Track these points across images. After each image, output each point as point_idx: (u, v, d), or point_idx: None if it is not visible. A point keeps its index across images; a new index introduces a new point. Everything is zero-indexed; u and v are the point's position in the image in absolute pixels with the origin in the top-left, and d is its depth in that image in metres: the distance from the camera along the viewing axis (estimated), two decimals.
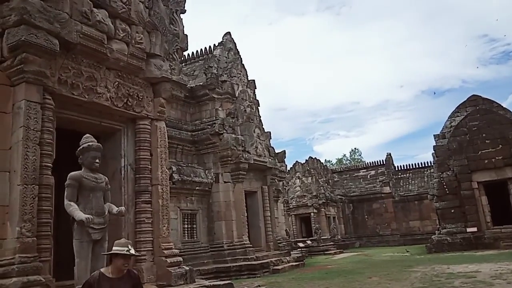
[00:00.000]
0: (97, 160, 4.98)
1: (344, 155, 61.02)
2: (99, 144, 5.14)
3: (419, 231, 29.46)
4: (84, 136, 5.12)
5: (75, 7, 5.80)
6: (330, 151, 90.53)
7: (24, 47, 5.12)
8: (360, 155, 60.03)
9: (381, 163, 34.06)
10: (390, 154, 34.17)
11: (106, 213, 4.84)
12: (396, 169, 33.95)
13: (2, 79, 5.25)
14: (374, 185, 32.58)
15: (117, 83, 6.53)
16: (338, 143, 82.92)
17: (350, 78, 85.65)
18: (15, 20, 5.13)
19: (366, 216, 32.00)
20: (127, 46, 6.62)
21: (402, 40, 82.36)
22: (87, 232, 4.56)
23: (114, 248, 3.33)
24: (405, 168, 33.75)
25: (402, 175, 33.06)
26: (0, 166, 4.99)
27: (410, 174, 32.87)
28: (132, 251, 3.33)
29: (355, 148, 61.49)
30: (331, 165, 50.89)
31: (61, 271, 6.51)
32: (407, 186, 31.88)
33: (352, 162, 54.08)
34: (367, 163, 36.57)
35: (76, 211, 4.54)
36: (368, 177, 34.02)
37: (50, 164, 5.44)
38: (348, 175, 35.26)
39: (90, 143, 4.99)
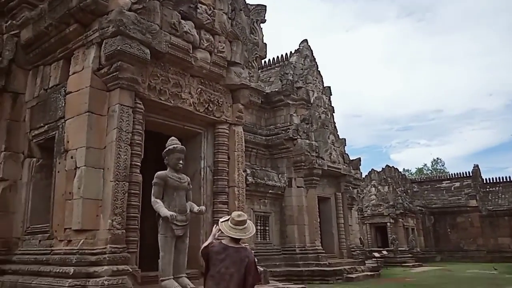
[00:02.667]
0: (181, 161, 5.29)
1: (425, 165, 57.60)
2: (183, 146, 5.46)
3: (509, 249, 26.94)
4: (169, 139, 5.47)
5: (165, 19, 6.25)
6: (409, 160, 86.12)
7: (119, 56, 5.61)
8: (443, 165, 56.32)
9: (467, 175, 31.70)
10: (477, 166, 31.69)
11: (188, 211, 5.13)
12: (484, 182, 31.36)
13: (100, 85, 5.80)
14: (459, 197, 30.42)
15: (199, 89, 6.89)
16: (417, 152, 78.57)
17: (432, 85, 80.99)
18: (112, 31, 5.64)
19: (448, 230, 29.98)
20: (210, 55, 6.96)
21: (491, 48, 76.31)
22: (171, 228, 4.87)
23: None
24: (495, 181, 31.02)
25: (490, 189, 30.46)
26: (95, 163, 5.51)
27: (500, 188, 30.16)
28: (220, 219, 3.71)
29: (437, 158, 57.73)
30: (410, 175, 48.38)
31: (145, 262, 7.01)
32: (496, 200, 29.29)
33: (434, 172, 50.83)
34: (451, 174, 34.19)
35: (162, 208, 4.87)
36: (452, 188, 31.84)
37: (139, 163, 5.88)
38: (429, 186, 33.29)
39: (175, 145, 5.33)
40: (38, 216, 6.24)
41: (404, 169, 53.47)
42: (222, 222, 3.72)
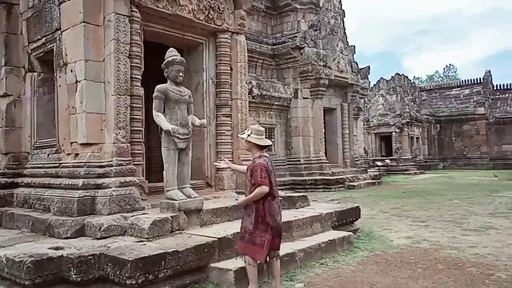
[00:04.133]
0: (181, 74, 5.16)
1: (437, 72, 56.49)
2: (182, 57, 5.28)
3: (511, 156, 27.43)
4: (168, 50, 5.27)
5: None
6: (422, 67, 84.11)
7: None
8: (455, 71, 55.14)
9: (478, 82, 31.08)
10: (489, 72, 30.94)
11: (189, 125, 5.12)
12: (495, 88, 30.83)
13: None
14: (467, 105, 30.22)
15: None
16: (431, 58, 76.58)
17: None
18: None
19: (453, 138, 30.32)
20: None
21: None
22: (173, 141, 4.91)
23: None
24: (505, 87, 30.45)
25: (500, 95, 30.08)
26: (96, 77, 5.41)
27: (510, 95, 29.75)
28: (244, 136, 3.99)
29: (449, 64, 56.41)
30: (420, 82, 47.67)
31: (153, 174, 7.27)
32: (505, 107, 29.10)
33: (445, 79, 49.92)
34: (462, 81, 33.56)
35: (163, 122, 4.86)
36: (461, 96, 31.50)
37: (139, 76, 5.77)
38: (438, 94, 32.94)
39: (174, 57, 5.15)
40: (45, 130, 6.33)
41: (414, 76, 52.60)
42: (242, 135, 4.04)
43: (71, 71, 5.50)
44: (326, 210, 6.38)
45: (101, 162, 5.26)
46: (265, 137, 4.06)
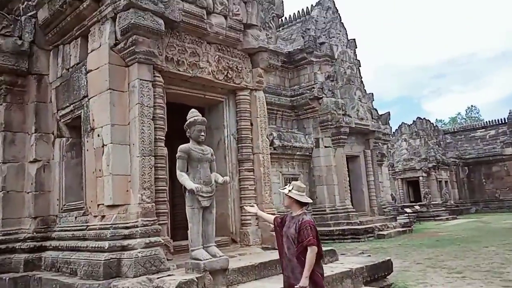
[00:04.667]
0: (202, 133, 5.29)
1: (459, 113, 55.89)
2: (203, 118, 5.43)
3: None
4: (190, 111, 5.45)
5: None
6: (442, 109, 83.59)
7: (134, 29, 5.52)
8: (477, 113, 54.40)
9: (503, 122, 30.52)
10: None
11: (213, 182, 5.17)
12: None
13: (118, 61, 5.78)
14: (494, 146, 29.53)
15: (217, 56, 6.77)
16: (451, 100, 76.20)
17: (465, 28, 76.84)
18: (124, 4, 5.53)
19: (483, 180, 29.36)
20: (225, 19, 6.77)
21: None
22: (197, 199, 4.94)
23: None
24: None
25: None
26: (121, 140, 5.60)
27: None
28: (286, 191, 3.89)
29: (471, 106, 55.77)
30: (443, 125, 47.12)
31: (178, 232, 7.24)
32: None
33: (468, 121, 49.25)
34: (486, 122, 33.01)
35: (187, 181, 4.93)
36: (487, 137, 30.85)
37: (163, 137, 5.94)
38: (463, 136, 32.37)
39: (196, 117, 5.31)
40: (73, 194, 6.49)
41: (436, 119, 52.18)
42: (284, 190, 3.96)
43: (98, 135, 5.72)
44: (356, 265, 6.15)
45: (127, 223, 5.30)
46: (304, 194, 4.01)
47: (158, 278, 4.71)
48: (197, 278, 4.64)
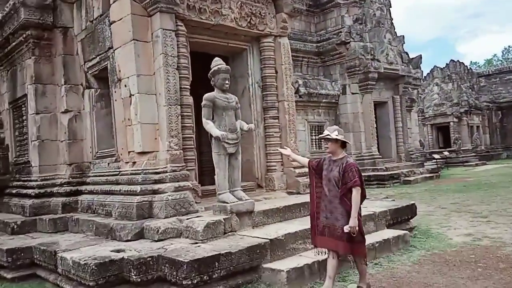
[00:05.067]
0: (227, 81, 5.34)
1: (495, 55, 53.21)
2: (227, 66, 5.45)
3: None
4: (214, 60, 5.47)
5: None
6: (478, 51, 79.44)
7: None
8: None
9: None
10: None
11: (238, 130, 5.29)
12: None
13: (140, 11, 5.78)
14: None
15: (240, 2, 6.63)
16: (488, 41, 72.10)
17: None
18: None
19: None
20: None
21: None
22: (223, 146, 5.10)
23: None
24: None
25: None
26: (148, 90, 5.73)
27: None
28: (328, 134, 3.94)
29: (509, 46, 52.73)
30: (477, 68, 45.02)
31: (205, 178, 7.54)
32: None
33: (505, 63, 46.75)
34: None
35: (213, 128, 5.07)
36: None
37: (188, 86, 6.04)
38: (498, 79, 30.91)
39: (220, 66, 5.33)
40: (104, 142, 6.79)
41: (471, 62, 49.97)
42: (330, 135, 3.96)
43: (125, 86, 5.86)
44: (379, 208, 6.28)
45: (157, 169, 5.57)
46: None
47: (188, 219, 5.01)
48: (224, 219, 4.90)
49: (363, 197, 3.86)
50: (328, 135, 3.97)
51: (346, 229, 3.70)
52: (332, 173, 3.89)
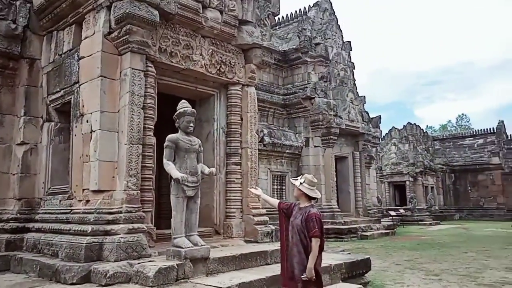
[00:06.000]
0: (191, 124, 5.37)
1: (449, 121, 56.62)
2: (193, 109, 5.51)
3: None
4: (180, 102, 5.52)
5: None
6: (434, 116, 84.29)
7: (128, 19, 5.56)
8: (468, 121, 55.08)
9: (491, 131, 30.95)
10: (502, 122, 30.92)
11: (199, 173, 5.26)
12: (509, 138, 30.62)
13: (111, 49, 5.83)
14: (481, 155, 29.95)
15: (211, 50, 6.84)
16: (443, 108, 76.89)
17: (463, 37, 77.63)
18: None
19: (469, 188, 29.78)
20: (221, 14, 6.83)
21: None
22: (182, 189, 5.02)
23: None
24: None
25: None
26: (110, 127, 5.66)
27: None
28: (297, 183, 4.00)
29: (462, 114, 56.60)
30: (433, 132, 47.62)
31: (162, 221, 7.32)
32: None
33: (459, 129, 49.85)
34: (475, 130, 33.46)
35: (173, 170, 5.01)
36: (475, 146, 31.28)
37: (152, 126, 6.00)
38: (451, 143, 32.77)
39: (186, 108, 5.38)
40: (58, 177, 6.53)
41: (427, 126, 52.70)
42: (295, 182, 4.04)
43: (87, 121, 5.77)
44: (335, 261, 6.28)
45: (111, 208, 5.37)
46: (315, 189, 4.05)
47: (139, 263, 4.80)
48: (178, 265, 4.73)
49: (321, 248, 3.87)
50: (296, 179, 4.08)
51: (302, 277, 3.68)
52: (296, 221, 3.91)
